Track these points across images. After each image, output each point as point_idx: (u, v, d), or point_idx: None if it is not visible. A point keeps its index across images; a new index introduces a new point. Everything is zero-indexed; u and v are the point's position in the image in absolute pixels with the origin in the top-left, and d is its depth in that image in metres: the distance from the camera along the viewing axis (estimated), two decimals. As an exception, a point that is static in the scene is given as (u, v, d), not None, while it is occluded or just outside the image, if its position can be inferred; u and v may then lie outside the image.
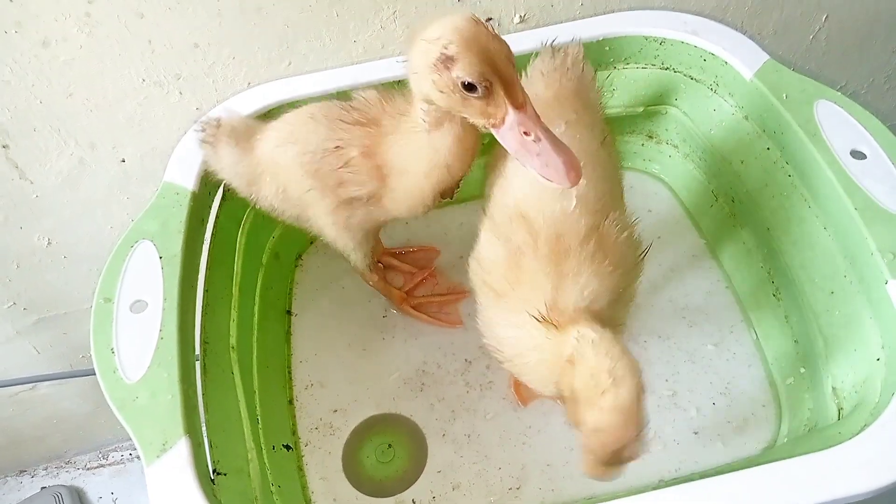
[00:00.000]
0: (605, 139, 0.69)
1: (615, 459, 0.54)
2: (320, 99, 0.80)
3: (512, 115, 0.54)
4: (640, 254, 0.65)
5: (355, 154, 0.67)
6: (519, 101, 0.53)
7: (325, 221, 0.73)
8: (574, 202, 0.61)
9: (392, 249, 0.94)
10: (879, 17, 1.08)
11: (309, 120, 0.69)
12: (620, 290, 0.62)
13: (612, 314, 0.61)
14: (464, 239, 0.93)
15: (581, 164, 0.54)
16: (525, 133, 0.54)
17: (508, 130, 0.54)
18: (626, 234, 0.62)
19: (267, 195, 0.74)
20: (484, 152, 0.71)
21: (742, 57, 0.81)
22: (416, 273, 0.92)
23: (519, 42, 0.85)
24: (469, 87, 0.53)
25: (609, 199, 0.64)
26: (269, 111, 0.82)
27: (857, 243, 0.67)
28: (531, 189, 0.63)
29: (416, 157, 0.65)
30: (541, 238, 0.60)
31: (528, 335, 0.60)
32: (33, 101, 0.84)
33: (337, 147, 0.67)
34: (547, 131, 0.54)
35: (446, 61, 0.53)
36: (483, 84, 0.53)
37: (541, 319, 0.59)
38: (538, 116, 0.54)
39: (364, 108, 0.68)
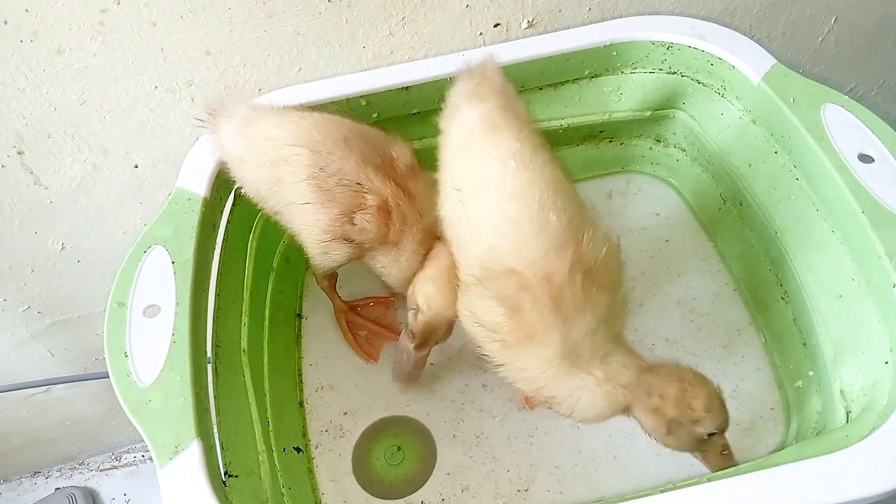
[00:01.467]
0: (549, 156, 0.67)
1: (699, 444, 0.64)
2: (330, 105, 0.81)
3: (409, 347, 0.74)
4: (619, 254, 0.66)
5: (373, 203, 0.69)
6: (420, 348, 0.74)
7: (308, 234, 0.74)
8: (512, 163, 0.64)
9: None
10: (889, 20, 1.08)
11: (342, 143, 0.70)
12: (615, 295, 0.64)
13: (607, 332, 0.64)
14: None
15: (545, 196, 0.63)
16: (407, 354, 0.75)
17: (402, 345, 0.76)
18: (605, 249, 0.63)
19: (256, 182, 0.74)
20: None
21: (749, 61, 0.81)
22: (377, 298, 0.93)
23: (527, 49, 0.86)
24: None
25: (577, 218, 0.64)
26: (279, 117, 0.83)
27: (865, 247, 0.67)
28: (504, 238, 0.63)
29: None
30: (532, 283, 0.61)
31: (563, 381, 0.63)
32: (48, 108, 0.85)
33: (359, 185, 0.69)
34: (419, 361, 0.76)
35: (415, 311, 0.72)
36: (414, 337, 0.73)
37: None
38: (418, 360, 0.76)
39: (396, 168, 0.72)
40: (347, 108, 0.82)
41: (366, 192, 0.68)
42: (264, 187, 0.74)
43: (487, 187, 0.64)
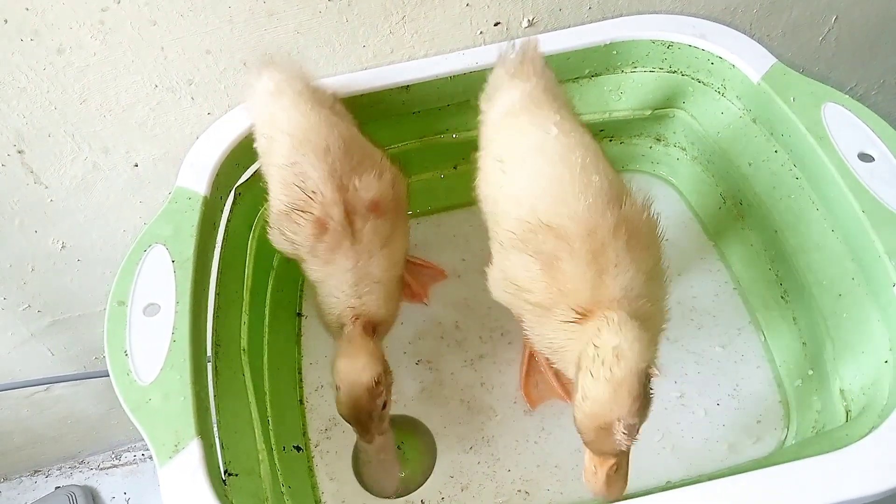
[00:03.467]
0: (585, 128, 0.70)
1: (605, 445, 0.56)
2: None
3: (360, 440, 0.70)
4: (658, 227, 0.66)
5: (315, 213, 0.68)
6: (367, 439, 0.68)
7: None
8: (554, 130, 0.65)
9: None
10: (889, 19, 1.08)
11: (321, 151, 0.70)
12: (651, 268, 0.63)
13: (649, 294, 0.62)
14: (458, 246, 0.95)
15: (587, 160, 0.63)
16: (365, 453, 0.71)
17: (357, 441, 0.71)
18: (646, 213, 0.64)
19: (259, 143, 0.77)
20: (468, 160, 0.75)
21: (750, 60, 0.81)
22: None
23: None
24: None
25: (619, 184, 0.65)
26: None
27: (865, 246, 0.67)
28: (549, 196, 0.63)
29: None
30: (574, 239, 0.60)
31: (571, 336, 0.61)
32: (48, 108, 0.85)
33: (314, 193, 0.69)
34: (379, 460, 0.71)
35: (336, 387, 0.68)
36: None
37: (580, 315, 0.60)
38: (382, 447, 0.70)
39: (353, 198, 0.70)
40: (347, 106, 0.82)
41: (314, 202, 0.68)
42: (261, 151, 0.76)
43: (530, 154, 0.66)
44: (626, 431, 0.54)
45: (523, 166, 0.66)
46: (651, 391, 0.57)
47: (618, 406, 0.54)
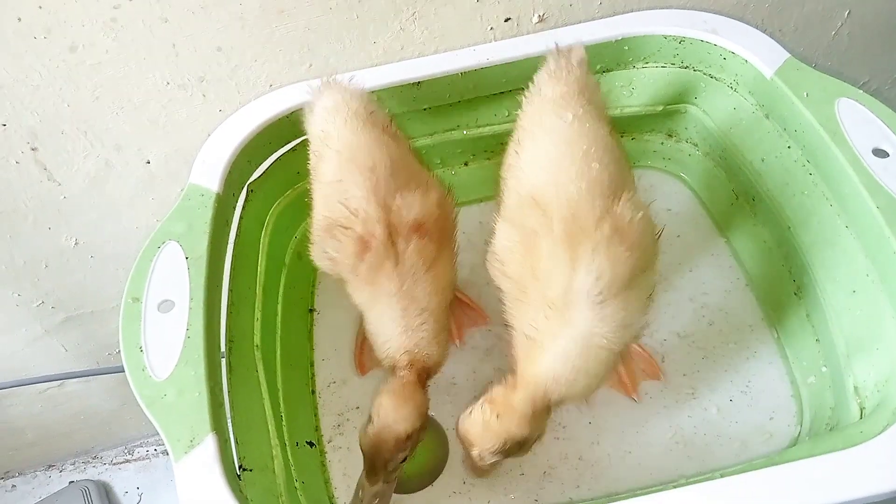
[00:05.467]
0: (610, 131, 0.69)
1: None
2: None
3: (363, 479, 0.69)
4: (656, 236, 0.66)
5: (357, 230, 0.68)
6: (371, 481, 0.68)
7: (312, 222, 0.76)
8: (570, 117, 0.66)
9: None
10: (903, 13, 1.07)
11: (367, 170, 0.69)
12: (636, 276, 0.61)
13: (625, 304, 0.61)
14: (470, 242, 0.94)
15: (592, 149, 0.63)
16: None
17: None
18: (641, 213, 0.62)
19: (311, 155, 0.77)
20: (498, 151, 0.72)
21: (762, 55, 0.81)
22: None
23: (538, 43, 0.86)
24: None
25: (621, 181, 0.64)
26: (291, 113, 0.83)
27: (879, 242, 0.67)
28: (545, 174, 0.64)
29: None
30: (555, 219, 0.61)
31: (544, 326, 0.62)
32: (61, 105, 0.86)
33: (356, 210, 0.69)
34: (373, 497, 0.69)
35: (368, 424, 0.68)
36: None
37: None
38: (381, 495, 0.69)
39: (395, 217, 0.70)
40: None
41: (356, 219, 0.68)
42: (311, 168, 0.77)
43: (542, 136, 0.67)
44: (477, 458, 0.64)
45: (534, 145, 0.67)
46: (528, 447, 0.66)
47: (480, 443, 0.63)
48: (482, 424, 0.63)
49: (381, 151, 0.71)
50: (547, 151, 0.66)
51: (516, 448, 0.64)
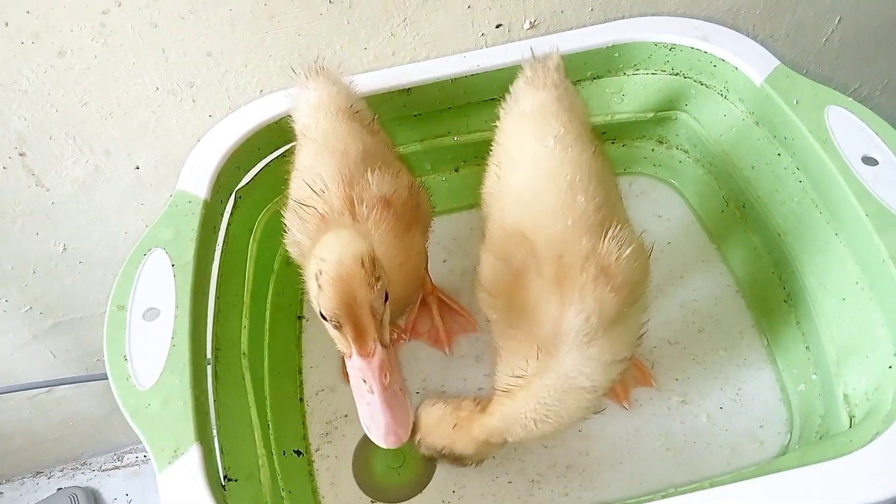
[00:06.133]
0: (595, 149, 0.68)
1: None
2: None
3: (355, 359, 0.56)
4: (647, 261, 0.64)
5: (318, 209, 0.66)
6: (365, 350, 0.55)
7: None
8: (552, 143, 0.64)
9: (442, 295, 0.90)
10: (893, 20, 1.07)
11: (339, 154, 0.69)
12: (628, 307, 0.60)
13: (613, 341, 0.60)
14: (460, 248, 0.94)
15: (577, 178, 0.61)
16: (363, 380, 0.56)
17: (350, 369, 0.57)
18: (629, 249, 0.59)
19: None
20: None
21: (753, 62, 0.81)
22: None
23: (529, 50, 0.85)
24: (324, 316, 0.55)
25: (608, 210, 0.63)
26: (280, 119, 0.83)
27: (869, 250, 0.67)
28: (529, 209, 0.63)
29: None
30: (544, 261, 0.60)
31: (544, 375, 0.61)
32: (49, 110, 0.85)
33: (323, 190, 0.67)
34: (385, 387, 0.56)
35: (317, 276, 0.54)
36: (332, 322, 0.54)
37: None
38: (388, 367, 0.56)
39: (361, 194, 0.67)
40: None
41: (319, 198, 0.66)
42: (294, 156, 0.75)
43: (523, 163, 0.66)
44: (414, 445, 0.67)
45: (515, 174, 0.66)
46: (464, 465, 0.69)
47: (424, 434, 0.67)
48: (437, 421, 0.65)
49: (354, 140, 0.70)
50: (528, 183, 0.64)
51: (450, 458, 0.66)
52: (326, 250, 0.54)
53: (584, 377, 0.59)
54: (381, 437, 0.58)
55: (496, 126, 0.74)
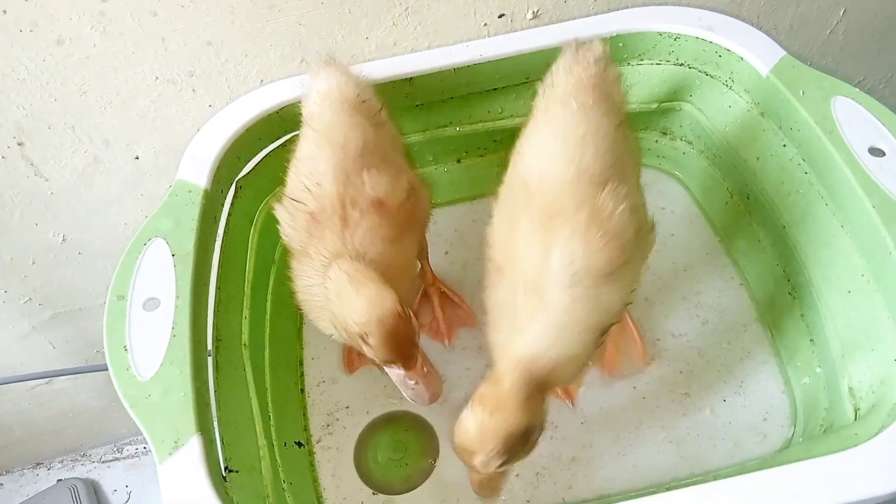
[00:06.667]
0: (620, 122, 0.68)
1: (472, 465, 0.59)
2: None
3: (401, 371, 0.64)
4: (644, 230, 0.65)
5: (310, 207, 0.66)
6: (409, 365, 0.63)
7: None
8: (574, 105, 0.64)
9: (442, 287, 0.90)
10: (899, 12, 1.07)
11: (339, 148, 0.68)
12: (617, 267, 0.60)
13: (602, 293, 0.59)
14: (480, 235, 0.93)
15: (588, 136, 0.62)
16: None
17: (393, 373, 0.65)
18: (622, 206, 0.60)
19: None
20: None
21: (758, 53, 0.80)
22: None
23: (532, 39, 0.85)
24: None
25: (618, 173, 0.63)
26: (281, 108, 0.82)
27: (875, 242, 0.66)
28: (536, 158, 0.63)
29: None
30: (535, 202, 0.60)
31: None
32: (48, 99, 0.85)
33: (317, 185, 0.67)
34: (424, 375, 0.65)
35: (363, 337, 0.60)
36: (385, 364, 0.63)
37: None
38: (422, 365, 0.64)
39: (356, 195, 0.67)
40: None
41: (311, 195, 0.66)
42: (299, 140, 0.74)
43: (543, 122, 0.66)
44: (481, 467, 0.58)
45: (532, 133, 0.67)
46: (533, 440, 0.60)
47: (480, 448, 0.57)
48: (477, 428, 0.58)
49: (355, 133, 0.69)
50: (543, 137, 0.65)
51: (521, 444, 0.59)
52: (362, 315, 0.59)
53: (574, 321, 0.59)
54: (427, 402, 0.69)
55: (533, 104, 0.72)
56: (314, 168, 0.68)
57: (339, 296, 0.60)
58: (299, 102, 0.80)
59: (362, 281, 0.60)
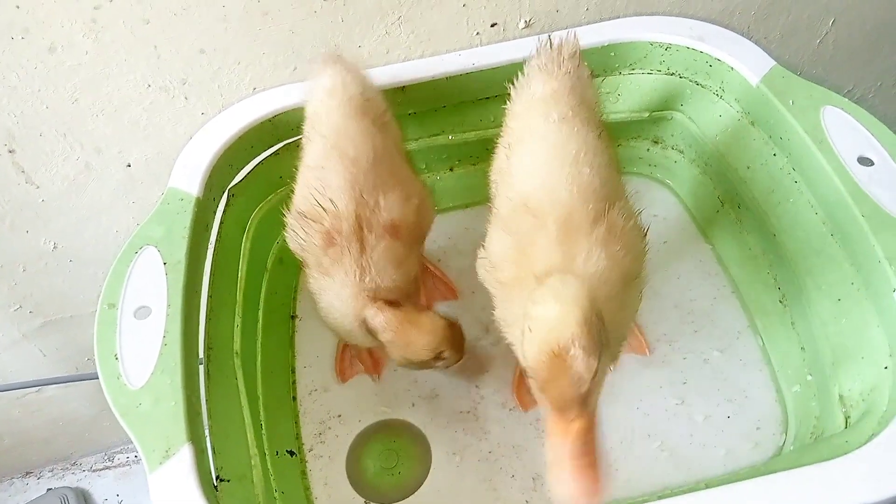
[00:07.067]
0: (601, 133, 0.69)
1: (564, 388, 0.49)
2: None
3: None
4: (644, 242, 0.65)
5: (325, 225, 0.68)
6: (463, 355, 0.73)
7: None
8: (556, 118, 0.65)
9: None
10: (887, 22, 1.08)
11: (349, 161, 0.69)
12: (627, 282, 0.61)
13: (619, 299, 0.60)
14: (473, 243, 0.93)
15: (582, 153, 0.63)
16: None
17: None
18: (632, 222, 0.62)
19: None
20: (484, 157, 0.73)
21: (748, 63, 0.80)
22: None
23: (524, 48, 0.85)
24: None
25: (612, 188, 0.64)
26: (273, 116, 0.82)
27: (865, 250, 0.67)
28: (536, 180, 0.63)
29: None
30: (549, 220, 0.60)
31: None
32: (39, 107, 0.84)
33: (331, 201, 0.68)
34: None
35: (437, 357, 0.71)
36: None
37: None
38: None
39: (372, 215, 0.69)
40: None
41: (326, 213, 0.68)
42: (303, 144, 0.75)
43: (531, 140, 0.66)
44: (583, 360, 0.48)
45: (523, 151, 0.67)
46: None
47: (568, 326, 0.49)
48: (554, 301, 0.51)
49: (365, 143, 0.70)
50: (536, 157, 0.65)
51: (599, 345, 0.51)
52: (430, 345, 0.69)
53: None
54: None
55: (505, 108, 0.73)
56: (325, 181, 0.68)
57: (401, 339, 0.68)
58: (293, 110, 0.80)
59: (411, 320, 0.68)
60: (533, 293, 0.54)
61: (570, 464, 0.50)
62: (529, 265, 0.60)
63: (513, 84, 0.73)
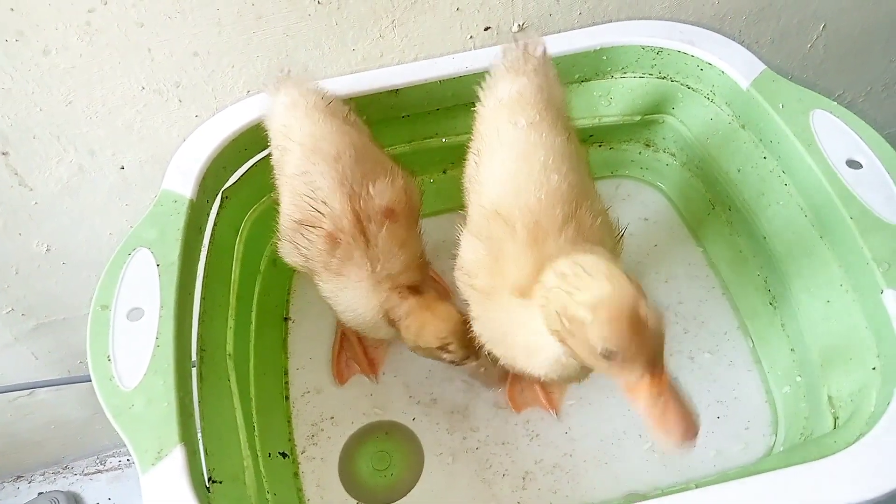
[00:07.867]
0: (569, 135, 0.69)
1: (647, 342, 0.51)
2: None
3: (474, 363, 0.73)
4: (616, 237, 0.66)
5: (325, 228, 0.69)
6: (479, 354, 0.70)
7: (280, 218, 0.75)
8: (523, 123, 0.66)
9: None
10: (877, 27, 1.09)
11: (332, 159, 0.69)
12: None
13: None
14: (447, 251, 0.94)
15: (550, 160, 0.63)
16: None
17: (469, 368, 0.74)
18: (599, 219, 0.63)
19: (274, 156, 0.77)
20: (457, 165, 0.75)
21: (739, 66, 0.81)
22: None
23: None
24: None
25: (581, 189, 0.64)
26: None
27: (853, 253, 0.67)
28: (504, 187, 0.64)
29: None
30: (518, 226, 0.61)
31: (513, 317, 0.61)
32: (33, 109, 0.84)
33: (325, 203, 0.69)
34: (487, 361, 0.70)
35: (444, 347, 0.71)
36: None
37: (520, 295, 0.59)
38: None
39: (367, 205, 0.70)
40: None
41: (323, 216, 0.68)
42: (275, 164, 0.76)
43: (499, 147, 0.67)
44: (657, 311, 0.51)
45: (492, 159, 0.67)
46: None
47: (629, 291, 0.50)
48: (605, 273, 0.52)
49: (343, 140, 0.71)
50: (504, 164, 0.66)
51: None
52: (442, 331, 0.69)
53: None
54: (496, 384, 0.81)
55: (475, 111, 0.74)
56: (314, 184, 0.69)
57: (415, 322, 0.70)
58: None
59: (428, 306, 0.70)
60: (564, 283, 0.53)
61: (675, 409, 0.54)
62: (502, 268, 0.61)
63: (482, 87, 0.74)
